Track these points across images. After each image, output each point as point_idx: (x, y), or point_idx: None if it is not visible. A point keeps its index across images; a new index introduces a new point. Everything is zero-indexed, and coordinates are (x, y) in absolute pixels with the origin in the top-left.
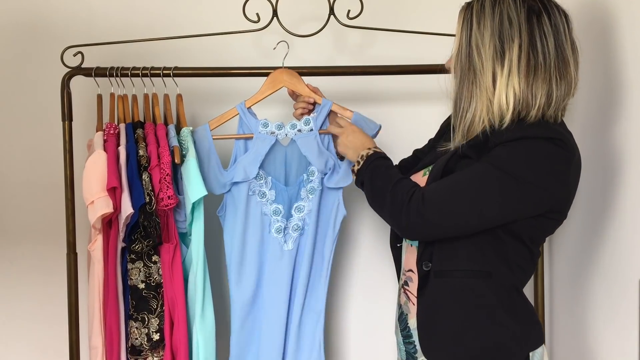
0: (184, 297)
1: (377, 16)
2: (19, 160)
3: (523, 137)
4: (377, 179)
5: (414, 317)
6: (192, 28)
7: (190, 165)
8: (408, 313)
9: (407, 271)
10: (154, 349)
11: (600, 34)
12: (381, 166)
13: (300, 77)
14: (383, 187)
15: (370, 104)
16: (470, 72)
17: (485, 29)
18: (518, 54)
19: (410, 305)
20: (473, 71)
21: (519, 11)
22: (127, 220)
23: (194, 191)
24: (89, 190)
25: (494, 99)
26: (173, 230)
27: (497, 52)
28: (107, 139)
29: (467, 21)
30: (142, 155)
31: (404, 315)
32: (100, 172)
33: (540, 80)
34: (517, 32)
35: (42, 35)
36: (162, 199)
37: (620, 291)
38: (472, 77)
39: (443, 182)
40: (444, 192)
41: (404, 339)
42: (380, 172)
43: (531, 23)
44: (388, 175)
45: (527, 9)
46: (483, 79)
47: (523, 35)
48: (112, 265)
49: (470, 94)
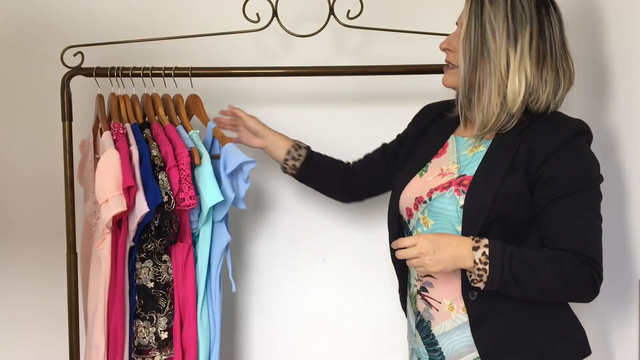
0: (195, 297)
1: (377, 16)
2: (19, 160)
3: (568, 140)
4: (528, 277)
5: (438, 324)
6: (192, 28)
7: (206, 169)
8: (431, 320)
9: (425, 276)
10: (161, 347)
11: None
12: (515, 258)
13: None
14: (546, 280)
15: (370, 104)
16: (483, 55)
17: (498, 11)
18: (529, 40)
19: (433, 312)
20: (487, 54)
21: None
22: (141, 220)
23: (211, 196)
24: (102, 189)
25: (507, 82)
26: (187, 230)
27: (511, 36)
28: (117, 139)
29: (478, 2)
30: (156, 155)
31: (425, 323)
32: (114, 170)
33: (548, 68)
34: (528, 19)
35: (42, 35)
36: (182, 199)
37: (620, 291)
38: (486, 60)
39: (586, 237)
40: (597, 247)
41: (427, 347)
42: (523, 267)
43: (540, 12)
44: (533, 264)
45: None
46: (497, 62)
47: (533, 22)
48: (120, 264)
49: (483, 78)
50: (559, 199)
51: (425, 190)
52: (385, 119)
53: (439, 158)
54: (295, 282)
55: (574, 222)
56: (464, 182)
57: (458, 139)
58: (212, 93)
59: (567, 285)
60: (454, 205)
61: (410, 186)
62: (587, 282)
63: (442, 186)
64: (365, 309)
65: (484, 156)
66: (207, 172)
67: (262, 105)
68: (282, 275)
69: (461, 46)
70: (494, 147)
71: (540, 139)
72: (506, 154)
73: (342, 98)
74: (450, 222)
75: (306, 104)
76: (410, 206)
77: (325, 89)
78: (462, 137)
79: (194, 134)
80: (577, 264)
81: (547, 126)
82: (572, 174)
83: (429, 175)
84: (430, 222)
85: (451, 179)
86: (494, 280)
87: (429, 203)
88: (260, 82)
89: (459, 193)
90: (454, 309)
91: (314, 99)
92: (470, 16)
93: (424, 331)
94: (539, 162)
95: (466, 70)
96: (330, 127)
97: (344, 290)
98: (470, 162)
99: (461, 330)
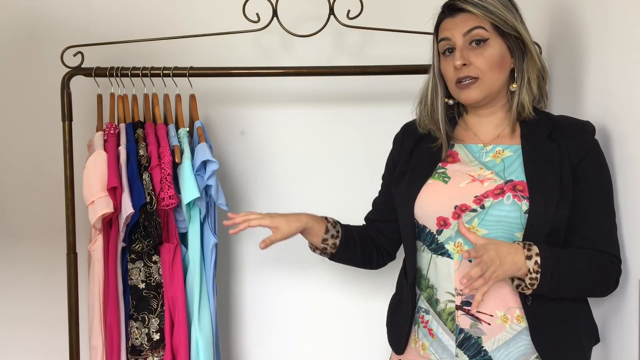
0: (184, 297)
1: (377, 16)
2: (19, 160)
3: (593, 140)
4: (572, 282)
5: (491, 338)
6: (192, 28)
7: (186, 167)
8: (482, 335)
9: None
10: (154, 348)
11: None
12: (561, 263)
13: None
14: (584, 280)
15: (370, 104)
16: (519, 42)
17: (497, 7)
18: (525, 30)
19: (484, 327)
20: (522, 41)
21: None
22: (128, 220)
23: (187, 192)
24: (89, 190)
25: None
26: (173, 230)
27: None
28: (107, 139)
29: (482, 8)
30: (143, 155)
31: (473, 340)
32: (100, 172)
33: (536, 55)
34: (515, 12)
35: (42, 35)
36: (163, 199)
37: (620, 291)
38: (522, 48)
39: (613, 236)
40: (618, 244)
41: None
42: (567, 272)
43: (515, 6)
44: (576, 266)
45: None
46: (532, 48)
47: (517, 14)
48: (112, 265)
49: (526, 69)
50: (590, 199)
51: (469, 198)
52: (385, 119)
53: (454, 164)
54: (295, 282)
55: (601, 221)
56: (518, 187)
57: (468, 147)
58: (212, 93)
59: (600, 286)
60: (517, 212)
61: (437, 194)
62: (612, 279)
63: (493, 192)
64: (365, 309)
65: (525, 160)
66: (186, 169)
67: (262, 105)
68: (282, 276)
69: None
70: (529, 151)
71: (574, 141)
72: (547, 158)
73: (342, 98)
74: (510, 229)
75: (306, 104)
76: (446, 215)
77: (325, 89)
78: (471, 144)
79: (183, 131)
80: (608, 264)
81: (574, 128)
82: (600, 174)
83: (459, 182)
84: (481, 232)
85: (499, 185)
86: (543, 286)
87: (481, 211)
88: (260, 82)
89: (519, 199)
90: (508, 320)
91: (314, 99)
92: (485, 20)
93: (472, 349)
94: (575, 163)
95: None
96: (330, 127)
97: (343, 290)
98: (506, 167)
99: (518, 339)
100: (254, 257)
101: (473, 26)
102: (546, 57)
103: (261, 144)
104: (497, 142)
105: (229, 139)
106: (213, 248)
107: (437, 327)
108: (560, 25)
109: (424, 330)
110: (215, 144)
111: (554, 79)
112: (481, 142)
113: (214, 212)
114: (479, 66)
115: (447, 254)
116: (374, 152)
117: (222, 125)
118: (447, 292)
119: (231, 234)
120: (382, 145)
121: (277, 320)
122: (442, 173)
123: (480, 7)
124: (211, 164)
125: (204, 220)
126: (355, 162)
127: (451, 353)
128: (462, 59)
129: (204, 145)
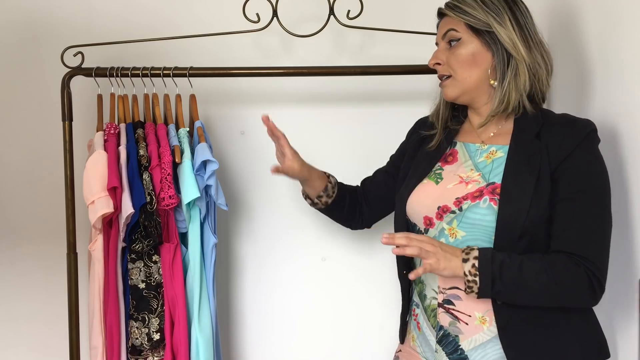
0: (184, 297)
1: (377, 16)
2: (19, 160)
3: (582, 141)
4: (521, 285)
5: (468, 338)
6: (192, 28)
7: (186, 166)
8: (459, 334)
9: (450, 289)
10: (154, 348)
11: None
12: (505, 267)
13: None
14: (539, 286)
15: (370, 104)
16: (495, 39)
17: (475, 9)
18: (512, 27)
19: (461, 326)
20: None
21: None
22: (128, 220)
23: (188, 192)
24: (89, 190)
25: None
26: (174, 230)
27: (500, 22)
28: (107, 139)
29: (457, 10)
30: (143, 155)
31: (450, 337)
32: (100, 172)
33: (535, 52)
34: (501, 9)
35: (42, 35)
36: (163, 199)
37: (620, 291)
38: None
39: (590, 238)
40: (600, 249)
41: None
42: (514, 275)
43: (508, 3)
44: (525, 270)
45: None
46: (513, 43)
47: (507, 11)
48: (112, 265)
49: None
50: (567, 201)
51: (451, 199)
52: (385, 119)
53: (452, 165)
54: (295, 282)
55: (578, 224)
56: (497, 191)
57: (467, 146)
58: (212, 93)
59: (560, 288)
60: (491, 216)
61: (427, 194)
62: (581, 284)
63: (472, 195)
64: (365, 309)
65: (507, 162)
66: (186, 169)
67: (262, 105)
68: (282, 276)
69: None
70: (514, 152)
71: (556, 140)
72: (530, 159)
73: (342, 98)
74: (487, 232)
75: (306, 104)
76: (431, 215)
77: (325, 89)
78: (470, 143)
79: (183, 131)
80: (571, 266)
81: (560, 127)
82: (584, 177)
83: (448, 183)
84: (460, 233)
85: (480, 187)
86: (485, 290)
87: (459, 213)
88: (260, 82)
89: (496, 202)
90: (486, 322)
91: (314, 99)
92: (459, 21)
93: (449, 346)
94: (556, 164)
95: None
96: (330, 127)
97: (343, 290)
98: (493, 168)
99: (495, 342)
100: (253, 257)
101: (447, 29)
102: None
103: (261, 144)
104: (493, 142)
105: (229, 139)
106: (213, 248)
107: (423, 321)
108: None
109: (414, 323)
110: (215, 144)
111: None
112: (480, 141)
113: (214, 212)
114: (450, 64)
115: None
116: (374, 152)
117: (222, 125)
118: (432, 289)
119: (272, 172)
120: (382, 145)
121: (276, 319)
122: (438, 174)
123: (457, 9)
124: (211, 164)
125: (204, 220)
126: (356, 162)
127: (432, 348)
128: (435, 59)
129: (204, 145)
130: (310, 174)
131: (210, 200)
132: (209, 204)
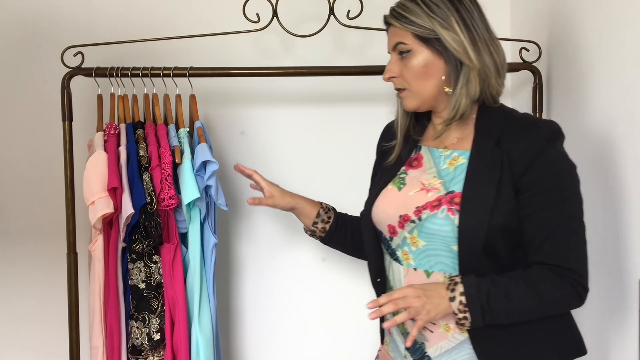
0: (184, 297)
1: (377, 16)
2: (19, 160)
3: (544, 145)
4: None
5: (434, 345)
6: (192, 28)
7: (186, 167)
8: (425, 342)
9: None
10: (154, 348)
11: None
12: (492, 297)
13: None
14: (528, 308)
15: (370, 104)
16: (444, 46)
17: (419, 17)
18: (459, 29)
19: (427, 334)
20: (444, 49)
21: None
22: (128, 221)
23: (188, 193)
24: (89, 191)
25: (468, 70)
26: (174, 230)
27: (447, 27)
28: (107, 139)
29: (402, 20)
30: (143, 155)
31: (418, 345)
32: (100, 172)
33: (483, 53)
34: (447, 11)
35: (42, 35)
36: (163, 199)
37: (620, 291)
38: (449, 56)
39: (568, 246)
40: (579, 256)
41: None
42: (502, 303)
43: (454, 4)
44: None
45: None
46: (460, 48)
47: (453, 12)
48: (112, 265)
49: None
50: (538, 211)
51: (411, 208)
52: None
53: (416, 170)
54: (295, 282)
55: (554, 235)
56: (455, 200)
57: (432, 151)
58: (212, 93)
59: (549, 304)
60: (449, 226)
61: (390, 201)
62: (568, 295)
63: (431, 204)
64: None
65: (468, 170)
66: (186, 170)
67: (262, 105)
68: (282, 276)
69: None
70: (475, 159)
71: (517, 147)
72: (491, 166)
73: (342, 98)
74: (445, 242)
75: (306, 104)
76: (393, 224)
77: (325, 89)
78: (434, 147)
79: (183, 132)
80: (555, 281)
81: (521, 131)
82: (551, 183)
83: (410, 190)
84: (420, 243)
85: (439, 196)
86: (477, 322)
87: (418, 223)
88: (260, 82)
89: (453, 212)
90: (450, 329)
91: (314, 99)
92: (406, 32)
93: (416, 353)
94: (519, 173)
95: (479, 59)
96: (330, 127)
97: (343, 290)
98: (454, 176)
99: (460, 349)
100: (253, 257)
101: (396, 42)
102: (545, 59)
103: (261, 144)
104: (456, 147)
105: (229, 139)
106: (213, 248)
107: (394, 327)
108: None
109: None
110: (215, 144)
111: (552, 82)
112: (443, 146)
113: (214, 213)
114: (404, 77)
115: (398, 260)
116: (374, 152)
117: (222, 125)
118: None
119: (249, 203)
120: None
121: (277, 319)
122: (402, 178)
123: (402, 19)
124: (211, 164)
125: (204, 221)
126: (356, 162)
127: (401, 353)
128: (388, 73)
129: (204, 145)
130: (296, 201)
131: (210, 200)
132: (209, 204)
